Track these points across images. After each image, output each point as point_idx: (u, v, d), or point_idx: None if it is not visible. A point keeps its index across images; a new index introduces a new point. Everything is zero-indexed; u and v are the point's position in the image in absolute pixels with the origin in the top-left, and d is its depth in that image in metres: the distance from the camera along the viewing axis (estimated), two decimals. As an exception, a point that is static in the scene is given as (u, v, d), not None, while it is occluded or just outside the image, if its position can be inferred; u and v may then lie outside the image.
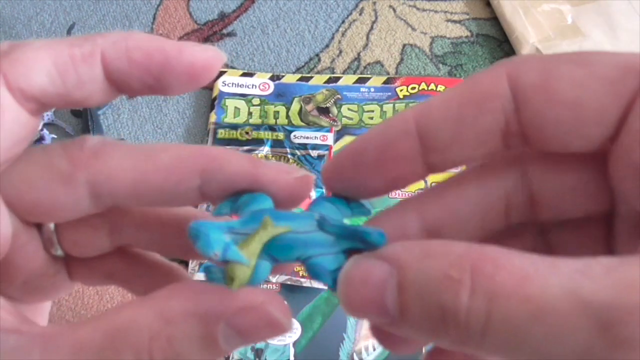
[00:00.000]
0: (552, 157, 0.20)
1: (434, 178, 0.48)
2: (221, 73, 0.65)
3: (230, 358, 0.52)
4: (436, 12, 0.70)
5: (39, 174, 0.20)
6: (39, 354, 0.18)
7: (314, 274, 0.19)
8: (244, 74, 0.65)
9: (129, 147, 0.21)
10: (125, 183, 0.20)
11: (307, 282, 0.54)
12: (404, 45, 0.68)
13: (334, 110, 0.63)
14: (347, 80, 0.65)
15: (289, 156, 0.60)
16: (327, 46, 0.68)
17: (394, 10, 0.71)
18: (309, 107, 0.64)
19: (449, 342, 0.17)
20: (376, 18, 0.70)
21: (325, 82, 0.65)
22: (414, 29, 0.69)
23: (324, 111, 0.63)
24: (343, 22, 0.70)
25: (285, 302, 0.19)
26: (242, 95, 0.64)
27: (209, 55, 0.20)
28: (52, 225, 0.23)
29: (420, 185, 0.54)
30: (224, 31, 0.70)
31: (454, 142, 0.19)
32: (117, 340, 0.18)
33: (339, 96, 0.64)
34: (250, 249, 0.19)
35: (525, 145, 0.19)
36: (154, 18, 0.71)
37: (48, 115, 0.64)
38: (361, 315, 0.18)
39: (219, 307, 0.18)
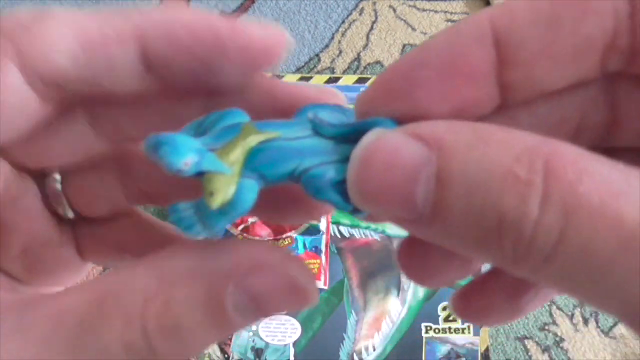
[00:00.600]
0: None
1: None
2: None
3: (230, 358, 0.52)
4: (436, 12, 0.70)
5: None
6: (15, 323, 0.15)
7: (314, 189, 0.15)
8: (244, 74, 0.65)
9: (65, 15, 0.17)
10: (63, 57, 0.16)
11: (307, 282, 0.54)
12: (404, 45, 0.68)
13: (334, 110, 0.64)
14: (347, 80, 0.65)
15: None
16: (327, 46, 0.69)
17: (394, 10, 0.71)
18: (309, 107, 0.64)
19: (496, 257, 0.13)
20: (376, 18, 0.70)
21: (325, 82, 0.65)
22: (414, 29, 0.69)
23: (324, 111, 0.64)
24: (343, 22, 0.70)
25: (306, 266, 0.16)
26: (242, 95, 0.64)
27: (271, 35, 0.16)
28: (57, 179, 0.20)
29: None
30: (224, 31, 0.70)
31: (542, 54, 0.14)
32: (105, 305, 0.15)
33: (339, 96, 0.64)
34: (231, 157, 0.15)
35: (630, 66, 0.15)
36: (154, 18, 0.71)
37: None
38: (375, 206, 0.14)
39: (228, 265, 0.15)
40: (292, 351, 0.52)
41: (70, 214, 0.20)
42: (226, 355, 0.52)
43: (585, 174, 0.12)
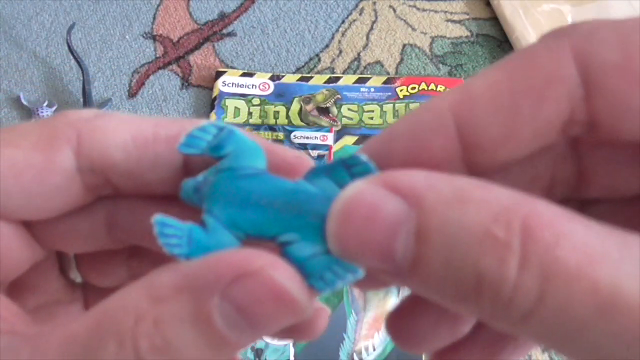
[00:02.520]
0: None
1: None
2: (221, 73, 0.65)
3: (230, 358, 0.52)
4: (436, 12, 0.70)
5: (23, 157, 0.17)
6: (28, 354, 0.16)
7: (293, 264, 0.16)
8: (244, 74, 0.65)
9: (124, 116, 0.19)
10: (117, 149, 0.18)
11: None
12: (404, 45, 0.68)
13: (334, 110, 0.63)
14: (347, 80, 0.65)
15: (289, 156, 0.60)
16: (327, 46, 0.68)
17: (394, 10, 0.71)
18: (309, 107, 0.64)
19: (474, 311, 0.13)
20: (376, 18, 0.70)
21: (325, 82, 0.65)
22: (414, 29, 0.69)
23: (324, 111, 0.63)
24: (343, 22, 0.70)
25: (295, 272, 0.15)
26: (242, 95, 0.64)
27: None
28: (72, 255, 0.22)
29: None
30: (224, 31, 0.70)
31: (505, 140, 0.15)
32: (102, 327, 0.15)
33: (339, 96, 0.64)
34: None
35: (590, 134, 0.15)
36: (154, 18, 0.71)
37: (46, 111, 0.64)
38: (354, 258, 0.14)
39: (210, 276, 0.15)
40: (292, 351, 0.52)
41: (79, 279, 0.22)
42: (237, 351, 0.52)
43: (562, 237, 0.12)
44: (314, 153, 0.60)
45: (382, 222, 0.13)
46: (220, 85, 0.64)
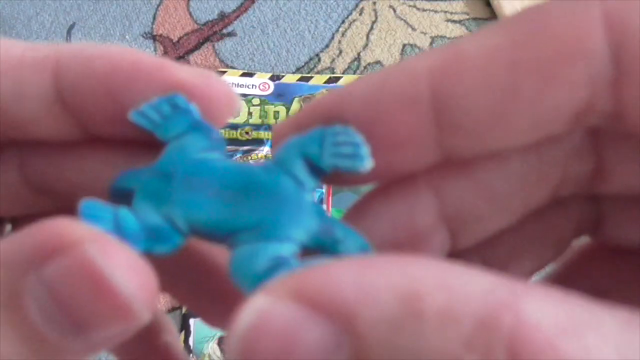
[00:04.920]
0: None
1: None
2: (221, 73, 0.65)
3: None
4: (436, 12, 0.70)
5: None
6: None
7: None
8: (244, 74, 0.65)
9: None
10: None
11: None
12: (404, 45, 0.68)
13: (334, 110, 0.63)
14: (347, 80, 0.65)
15: (289, 156, 0.60)
16: (327, 46, 0.68)
17: (394, 10, 0.71)
18: (309, 107, 0.64)
19: None
20: (376, 18, 0.70)
21: (325, 82, 0.65)
22: (414, 29, 0.69)
23: (324, 111, 0.63)
24: (343, 22, 0.70)
25: (129, 253, 0.11)
26: (242, 95, 0.64)
27: (210, 83, 0.14)
28: (9, 228, 0.18)
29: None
30: (224, 31, 0.70)
31: (495, 125, 0.11)
32: None
33: (339, 96, 0.64)
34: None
35: (614, 126, 0.12)
36: (154, 18, 0.71)
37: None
38: None
39: (30, 249, 0.11)
40: (292, 351, 0.52)
41: None
42: (226, 355, 0.52)
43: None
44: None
45: (303, 351, 0.09)
46: (220, 85, 0.64)
